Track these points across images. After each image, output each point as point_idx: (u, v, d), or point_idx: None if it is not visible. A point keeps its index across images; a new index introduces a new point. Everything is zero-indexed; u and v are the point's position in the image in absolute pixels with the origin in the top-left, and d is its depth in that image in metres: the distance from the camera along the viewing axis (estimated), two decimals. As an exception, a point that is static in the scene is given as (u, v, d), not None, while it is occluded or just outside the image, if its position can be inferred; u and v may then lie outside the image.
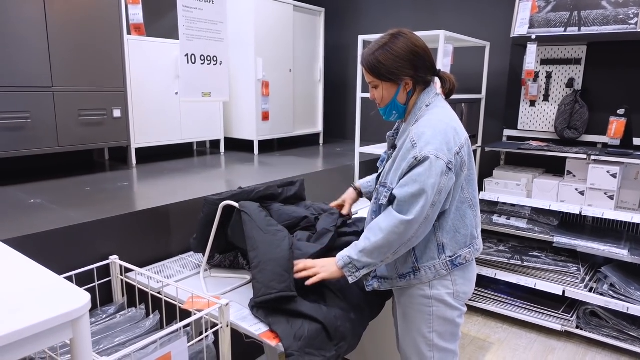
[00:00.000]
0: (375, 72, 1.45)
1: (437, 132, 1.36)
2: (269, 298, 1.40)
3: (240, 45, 3.40)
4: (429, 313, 1.50)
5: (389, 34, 1.45)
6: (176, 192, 2.23)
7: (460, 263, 1.48)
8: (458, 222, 1.46)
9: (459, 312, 1.52)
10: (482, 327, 2.96)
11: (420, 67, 1.44)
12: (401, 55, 1.41)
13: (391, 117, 1.53)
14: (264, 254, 1.48)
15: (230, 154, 3.53)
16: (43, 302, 0.93)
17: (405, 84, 1.45)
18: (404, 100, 1.48)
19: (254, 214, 1.61)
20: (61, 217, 1.78)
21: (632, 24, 2.58)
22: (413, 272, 1.48)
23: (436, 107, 1.45)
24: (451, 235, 1.46)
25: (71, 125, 2.46)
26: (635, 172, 2.63)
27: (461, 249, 1.47)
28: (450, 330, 1.52)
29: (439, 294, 1.48)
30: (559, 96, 3.07)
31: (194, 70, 2.41)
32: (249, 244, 1.54)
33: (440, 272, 1.46)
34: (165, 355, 1.23)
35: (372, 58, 1.44)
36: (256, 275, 1.45)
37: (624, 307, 2.56)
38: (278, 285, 1.41)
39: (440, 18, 3.61)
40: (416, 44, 1.43)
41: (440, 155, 1.34)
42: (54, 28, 2.34)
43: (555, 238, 2.77)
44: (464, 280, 1.50)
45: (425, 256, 1.46)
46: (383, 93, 1.47)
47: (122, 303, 1.75)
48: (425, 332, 1.52)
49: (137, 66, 2.90)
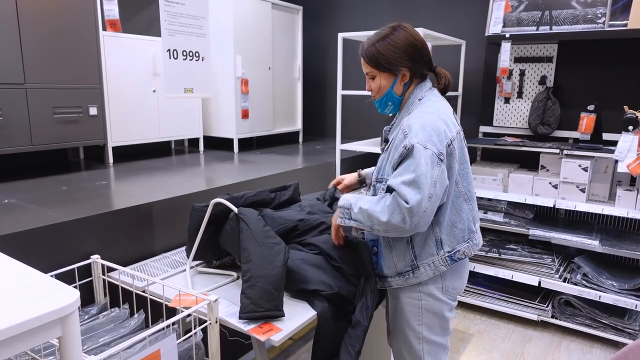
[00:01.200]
0: (374, 62, 1.47)
1: (426, 124, 1.38)
2: (254, 316, 1.39)
3: (219, 42, 3.37)
4: (418, 306, 1.52)
5: (389, 26, 1.49)
6: (156, 190, 2.20)
7: (459, 258, 1.48)
8: (454, 216, 1.47)
9: (448, 306, 1.53)
10: (462, 319, 3.03)
11: (418, 60, 1.47)
12: (400, 47, 1.44)
13: (386, 109, 1.55)
14: (256, 269, 1.45)
15: (210, 152, 3.50)
16: (31, 300, 0.90)
17: (403, 75, 1.47)
18: (400, 92, 1.50)
19: (252, 223, 1.55)
20: (39, 216, 1.73)
21: (600, 23, 2.69)
22: (412, 269, 1.48)
23: (429, 100, 1.48)
24: (448, 230, 1.46)
25: (45, 123, 2.39)
26: (604, 165, 2.73)
27: (459, 243, 1.48)
28: (439, 324, 1.54)
29: (427, 288, 1.50)
30: (532, 93, 3.16)
31: (177, 66, 2.38)
32: (243, 255, 1.50)
33: (440, 268, 1.47)
34: (154, 353, 1.21)
35: (373, 49, 1.47)
36: (245, 290, 1.43)
37: (597, 296, 2.66)
38: (266, 304, 1.39)
39: (417, 17, 3.67)
40: (415, 37, 1.46)
41: (428, 146, 1.35)
42: (26, 23, 2.27)
43: (531, 231, 2.86)
44: (453, 275, 1.52)
45: (424, 253, 1.47)
46: (380, 83, 1.49)
47: (104, 303, 1.71)
48: (414, 324, 1.53)
49: (114, 63, 2.84)
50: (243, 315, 1.40)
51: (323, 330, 1.44)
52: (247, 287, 1.43)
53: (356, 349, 1.44)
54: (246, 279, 1.45)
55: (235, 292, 1.62)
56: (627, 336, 2.63)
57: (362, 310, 1.49)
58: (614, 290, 2.64)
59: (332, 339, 1.45)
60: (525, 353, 2.65)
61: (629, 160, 2.45)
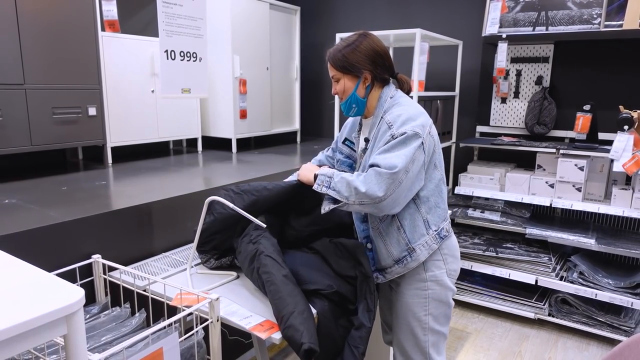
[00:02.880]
0: (338, 65, 1.59)
1: (411, 114, 1.49)
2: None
3: (217, 42, 3.38)
4: (425, 296, 1.58)
5: (355, 34, 1.61)
6: (156, 190, 2.21)
7: (444, 235, 1.58)
8: (437, 197, 1.57)
9: (452, 293, 1.62)
10: (460, 318, 3.05)
11: (380, 65, 1.58)
12: (363, 52, 1.56)
13: (350, 111, 1.63)
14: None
15: (208, 152, 3.51)
16: (36, 299, 0.91)
17: (365, 78, 1.58)
18: (363, 94, 1.60)
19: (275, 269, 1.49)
20: (40, 216, 1.74)
21: (596, 23, 2.71)
22: (409, 253, 1.56)
23: (402, 97, 1.60)
24: (433, 210, 1.57)
25: (44, 123, 2.39)
26: (600, 165, 2.76)
27: (442, 222, 1.59)
28: (444, 312, 1.61)
29: (434, 275, 1.57)
30: (529, 93, 3.18)
31: (174, 66, 2.39)
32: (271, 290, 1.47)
33: (432, 246, 1.55)
34: (157, 351, 1.22)
35: (338, 53, 1.59)
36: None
37: (593, 294, 2.69)
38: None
39: (415, 17, 3.68)
40: (378, 44, 1.58)
41: (417, 130, 1.46)
42: (26, 23, 2.27)
43: (528, 230, 2.88)
44: (452, 258, 1.62)
45: (416, 234, 1.55)
46: (345, 85, 1.59)
47: (105, 302, 1.72)
48: (421, 315, 1.59)
49: (113, 63, 2.84)
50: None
51: (323, 329, 1.45)
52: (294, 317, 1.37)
53: (360, 350, 1.46)
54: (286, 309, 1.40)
55: (236, 291, 1.63)
56: (623, 333, 2.66)
57: (364, 312, 1.51)
58: (610, 288, 2.66)
59: (332, 337, 1.47)
60: (522, 351, 2.67)
61: (624, 159, 2.47)
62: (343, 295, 1.53)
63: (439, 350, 1.64)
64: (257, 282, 1.56)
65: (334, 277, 1.57)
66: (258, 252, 1.54)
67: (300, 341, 1.29)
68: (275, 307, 1.40)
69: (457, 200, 3.22)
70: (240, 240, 1.68)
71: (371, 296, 1.51)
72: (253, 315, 1.46)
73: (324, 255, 1.65)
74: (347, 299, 1.55)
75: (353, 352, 1.46)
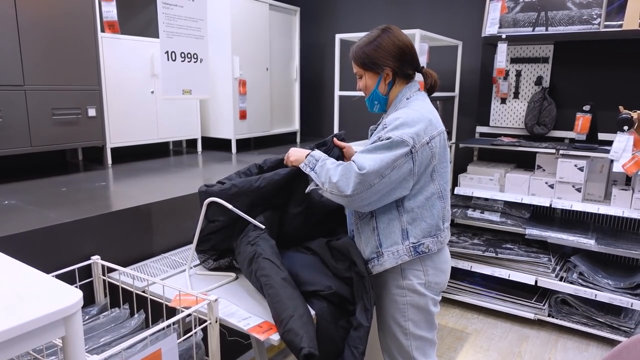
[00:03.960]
0: (359, 62, 1.57)
1: (409, 121, 1.45)
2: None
3: (217, 43, 3.38)
4: (403, 302, 1.56)
5: (377, 29, 1.57)
6: (155, 191, 2.21)
7: (422, 251, 1.51)
8: (425, 211, 1.51)
9: (432, 300, 1.57)
10: (459, 319, 3.05)
11: (402, 61, 1.54)
12: (385, 48, 1.53)
13: (373, 107, 1.62)
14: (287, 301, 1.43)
15: (207, 153, 3.51)
16: (34, 300, 0.91)
17: (386, 74, 1.55)
18: (384, 91, 1.58)
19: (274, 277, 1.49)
20: (39, 217, 1.74)
21: (595, 24, 2.71)
22: (377, 257, 1.54)
23: (416, 100, 1.54)
24: (417, 222, 1.50)
25: (44, 124, 2.40)
26: (600, 165, 2.76)
27: (425, 237, 1.51)
28: (424, 318, 1.58)
29: (411, 284, 1.54)
30: (529, 93, 3.18)
31: (175, 68, 2.39)
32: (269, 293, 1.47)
33: (403, 257, 1.51)
34: (155, 352, 1.22)
35: (359, 49, 1.56)
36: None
37: (592, 294, 2.69)
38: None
39: (414, 18, 3.69)
40: (400, 38, 1.54)
41: (405, 138, 1.41)
42: (25, 25, 2.27)
43: (527, 230, 2.88)
44: (435, 270, 1.56)
45: (389, 240, 1.52)
46: (366, 82, 1.59)
47: (104, 304, 1.73)
48: (401, 320, 1.57)
49: (112, 64, 2.85)
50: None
51: (323, 331, 1.45)
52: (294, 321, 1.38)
53: (360, 350, 1.46)
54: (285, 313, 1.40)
55: (235, 292, 1.63)
56: (622, 334, 2.66)
57: (362, 311, 1.51)
58: (609, 289, 2.66)
59: (332, 338, 1.47)
60: (522, 351, 2.67)
61: (624, 160, 2.47)
62: (342, 296, 1.54)
63: (426, 353, 1.60)
64: (256, 284, 1.56)
65: (332, 278, 1.57)
66: (256, 255, 1.54)
67: (300, 345, 1.29)
68: (274, 310, 1.39)
69: (456, 201, 3.22)
70: (240, 241, 1.68)
71: (367, 295, 1.51)
72: (252, 316, 1.46)
73: (321, 256, 1.65)
74: (346, 299, 1.55)
75: (353, 352, 1.46)
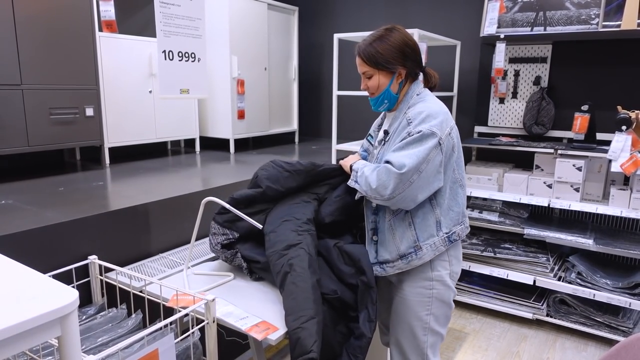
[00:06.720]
0: (372, 61, 1.54)
1: (432, 113, 1.48)
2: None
3: (215, 43, 3.38)
4: (429, 295, 1.58)
5: (384, 28, 1.57)
6: (153, 191, 2.20)
7: (454, 239, 1.57)
8: (451, 200, 1.56)
9: (453, 294, 1.63)
10: (458, 318, 3.05)
11: (412, 60, 1.55)
12: (397, 47, 1.53)
13: (381, 106, 1.61)
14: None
15: (206, 152, 3.50)
16: (30, 300, 0.91)
17: (399, 74, 1.55)
18: (396, 90, 1.58)
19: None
20: (36, 217, 1.73)
21: (594, 24, 2.71)
22: (415, 251, 1.55)
23: (428, 95, 1.58)
24: (446, 212, 1.55)
25: (42, 124, 2.39)
26: (598, 165, 2.76)
27: (455, 225, 1.57)
28: (445, 313, 1.62)
29: (439, 275, 1.57)
30: (527, 93, 3.18)
31: (172, 67, 2.38)
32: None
33: (440, 248, 1.55)
34: (152, 352, 1.22)
35: (371, 48, 1.54)
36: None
37: (591, 294, 2.69)
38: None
39: (413, 17, 3.68)
40: (409, 37, 1.56)
41: (434, 130, 1.44)
42: (23, 24, 2.26)
43: (526, 230, 2.88)
44: (456, 260, 1.62)
45: (426, 233, 1.54)
46: (379, 82, 1.56)
47: (102, 303, 1.72)
48: (423, 315, 1.59)
49: (110, 64, 2.84)
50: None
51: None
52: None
53: (359, 359, 1.46)
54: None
55: (233, 292, 1.63)
56: (621, 334, 2.66)
57: (366, 322, 1.51)
58: (607, 289, 2.66)
59: (329, 342, 1.46)
60: (520, 351, 2.67)
61: (622, 159, 2.47)
62: (345, 302, 1.53)
63: (435, 351, 1.64)
64: (277, 267, 1.53)
65: (337, 282, 1.57)
66: (299, 244, 1.55)
67: (310, 349, 1.30)
68: (296, 302, 1.39)
69: (455, 201, 3.22)
70: (282, 222, 1.66)
71: (373, 307, 1.51)
72: (249, 316, 1.46)
73: (327, 258, 1.65)
74: (349, 305, 1.54)
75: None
